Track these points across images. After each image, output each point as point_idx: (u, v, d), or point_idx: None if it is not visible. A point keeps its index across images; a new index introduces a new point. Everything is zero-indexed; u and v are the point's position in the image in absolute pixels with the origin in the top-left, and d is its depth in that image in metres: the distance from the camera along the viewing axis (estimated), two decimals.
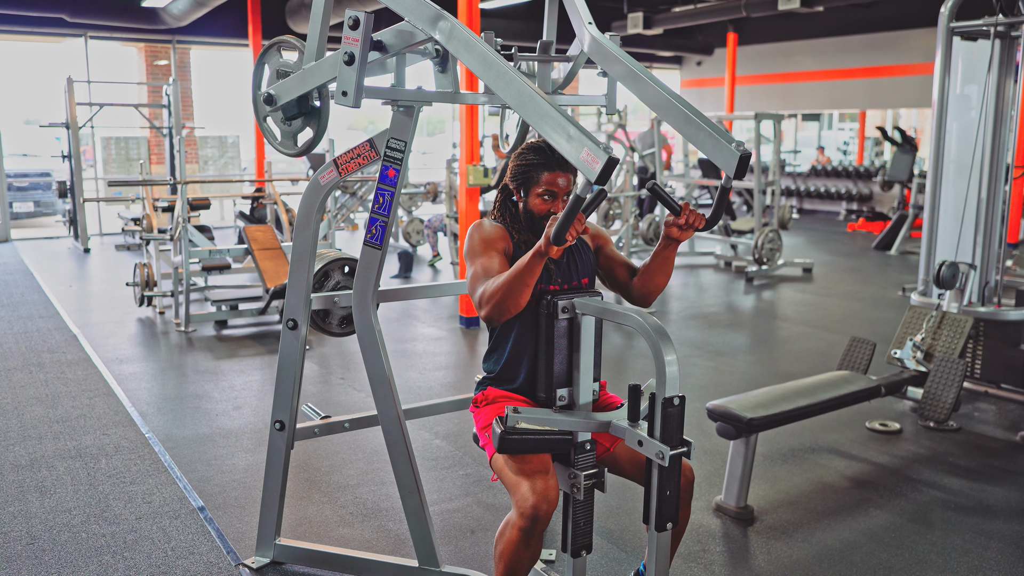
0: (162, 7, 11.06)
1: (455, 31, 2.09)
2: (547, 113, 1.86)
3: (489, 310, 2.09)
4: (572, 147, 1.80)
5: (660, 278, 2.27)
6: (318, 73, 2.42)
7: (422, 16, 2.16)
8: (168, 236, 6.68)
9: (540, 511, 2.01)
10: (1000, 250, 4.79)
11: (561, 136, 1.82)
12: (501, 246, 2.25)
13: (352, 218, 11.68)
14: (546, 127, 1.86)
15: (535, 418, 2.08)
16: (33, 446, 3.91)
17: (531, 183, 2.27)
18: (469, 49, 2.05)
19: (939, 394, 4.07)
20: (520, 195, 2.31)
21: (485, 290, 2.10)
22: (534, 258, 1.99)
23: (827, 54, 14.63)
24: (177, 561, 2.86)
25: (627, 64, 2.02)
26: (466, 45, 2.06)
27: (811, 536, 3.11)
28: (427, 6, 2.15)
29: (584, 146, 1.77)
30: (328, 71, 2.38)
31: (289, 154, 2.69)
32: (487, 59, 2.00)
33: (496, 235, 2.27)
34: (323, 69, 2.40)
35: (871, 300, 7.52)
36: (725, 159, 1.84)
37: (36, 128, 13.75)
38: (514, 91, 1.94)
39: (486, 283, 2.12)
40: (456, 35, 2.09)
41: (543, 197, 2.26)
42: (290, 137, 2.65)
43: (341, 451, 3.90)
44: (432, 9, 2.14)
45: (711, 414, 3.33)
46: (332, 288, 3.56)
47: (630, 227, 8.60)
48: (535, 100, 1.89)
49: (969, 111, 4.92)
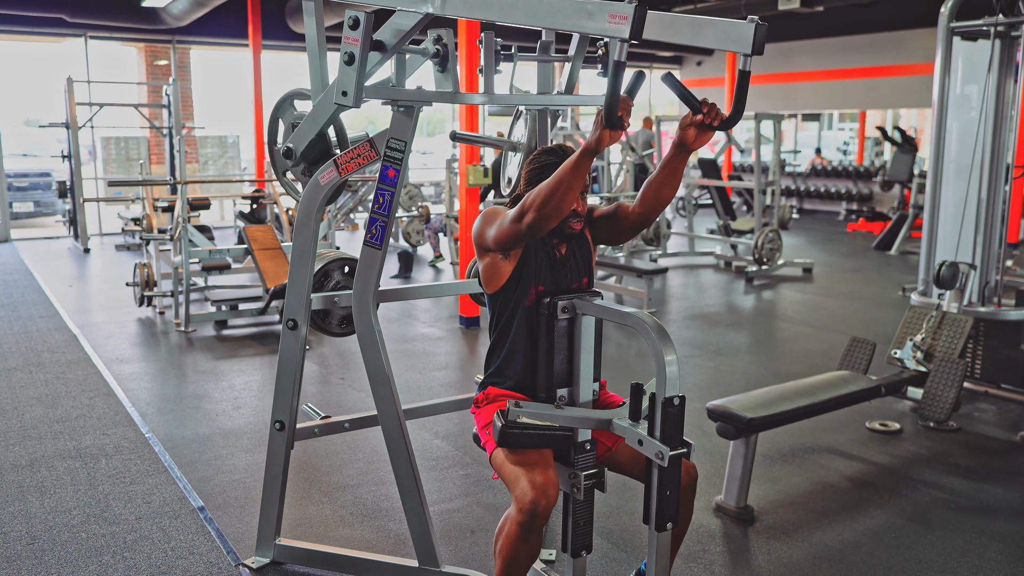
0: (162, 7, 11.06)
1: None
2: (560, 6, 1.84)
3: (534, 214, 1.98)
4: (596, 21, 1.76)
5: (667, 190, 2.15)
6: (328, 102, 2.41)
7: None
8: (168, 236, 6.68)
9: (539, 506, 2.01)
10: (1000, 250, 4.79)
11: (582, 17, 1.79)
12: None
13: (352, 218, 11.67)
14: (565, 19, 1.82)
15: (536, 413, 2.08)
16: (33, 446, 3.91)
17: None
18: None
19: (939, 394, 4.07)
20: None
21: (526, 199, 2.00)
22: (582, 157, 1.89)
23: (827, 54, 14.63)
24: (177, 561, 2.86)
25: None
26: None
27: (811, 536, 3.11)
28: None
29: (607, 11, 1.74)
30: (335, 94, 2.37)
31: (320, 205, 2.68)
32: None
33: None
34: (331, 96, 2.39)
35: (871, 300, 7.52)
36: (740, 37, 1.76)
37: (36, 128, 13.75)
38: (521, 7, 1.91)
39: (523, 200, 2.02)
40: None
41: None
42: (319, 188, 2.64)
43: (341, 451, 3.90)
44: None
45: (711, 414, 3.33)
46: (332, 288, 3.56)
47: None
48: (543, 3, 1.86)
49: (969, 111, 4.92)
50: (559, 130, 10.39)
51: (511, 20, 1.95)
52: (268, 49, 12.70)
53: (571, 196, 1.95)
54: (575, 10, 1.80)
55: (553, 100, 2.62)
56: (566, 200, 1.95)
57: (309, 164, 2.60)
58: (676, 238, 11.05)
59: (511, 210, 2.09)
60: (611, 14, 1.72)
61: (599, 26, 1.75)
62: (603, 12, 1.74)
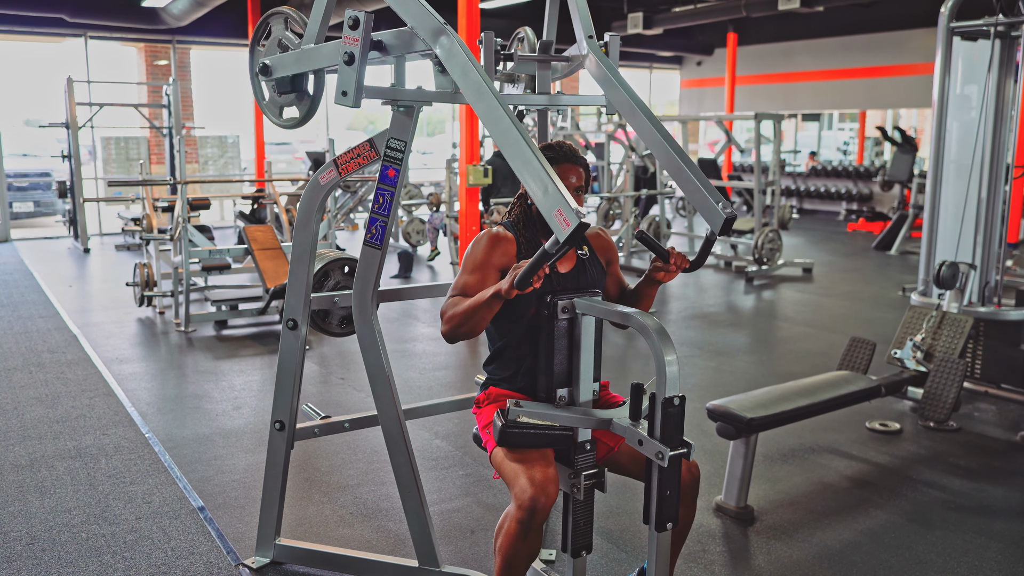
0: (162, 7, 11.05)
1: (454, 52, 2.09)
2: (529, 162, 1.89)
3: (446, 330, 2.20)
4: (547, 201, 1.83)
5: (641, 308, 2.34)
6: (315, 57, 2.42)
7: (425, 27, 2.15)
8: (168, 236, 6.68)
9: (538, 503, 2.01)
10: (1000, 250, 4.79)
11: (539, 187, 1.86)
12: (500, 263, 2.27)
13: (352, 218, 11.67)
14: (526, 175, 1.89)
15: (536, 413, 2.08)
16: (33, 446, 3.91)
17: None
18: (465, 74, 2.07)
19: (939, 394, 4.07)
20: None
21: (447, 310, 2.21)
22: (493, 298, 2.06)
23: (827, 54, 14.63)
24: (177, 561, 2.86)
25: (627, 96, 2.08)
26: (462, 69, 2.07)
27: (811, 536, 3.11)
28: (431, 18, 2.15)
29: (559, 205, 1.81)
30: (325, 57, 2.37)
31: (271, 119, 2.70)
32: (480, 90, 2.02)
33: (498, 251, 2.28)
34: (321, 54, 2.40)
35: (871, 300, 7.52)
36: (712, 216, 1.95)
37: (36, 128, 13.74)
38: (500, 130, 1.96)
39: (452, 301, 2.21)
40: (454, 56, 2.09)
41: None
42: (276, 106, 2.66)
43: (341, 451, 3.90)
44: (436, 22, 2.14)
45: (711, 414, 3.33)
46: (332, 288, 3.56)
47: (630, 227, 8.60)
48: (520, 146, 1.91)
49: (969, 111, 4.92)
50: (559, 130, 10.39)
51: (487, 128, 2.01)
52: None
53: (482, 324, 2.15)
54: (538, 177, 1.87)
55: (553, 100, 2.62)
56: (478, 326, 2.15)
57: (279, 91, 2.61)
58: (676, 238, 11.05)
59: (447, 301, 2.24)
60: (561, 211, 1.80)
61: (547, 209, 1.83)
62: (556, 203, 1.81)
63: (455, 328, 2.18)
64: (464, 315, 2.14)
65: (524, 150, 1.90)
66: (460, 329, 2.17)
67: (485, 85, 2.01)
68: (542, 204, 1.84)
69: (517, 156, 1.91)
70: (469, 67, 2.05)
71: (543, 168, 1.86)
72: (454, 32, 2.12)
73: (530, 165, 1.88)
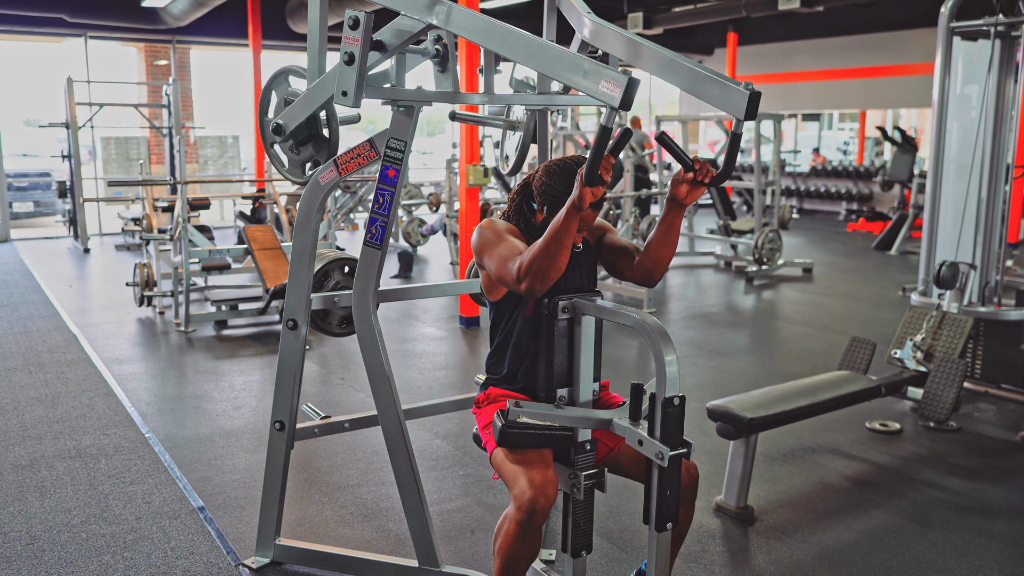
0: (162, 7, 11.05)
1: (453, 10, 2.11)
2: (559, 56, 1.89)
3: (531, 280, 1.96)
4: (590, 81, 1.81)
5: (666, 249, 2.16)
6: (323, 89, 2.41)
7: (417, 5, 2.16)
8: (168, 236, 6.68)
9: (537, 504, 2.01)
10: (1000, 250, 4.79)
11: (577, 73, 1.84)
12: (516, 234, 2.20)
13: (352, 218, 11.67)
14: (561, 70, 1.88)
15: (536, 413, 2.08)
16: (33, 446, 3.91)
17: (558, 204, 2.15)
18: (470, 23, 2.08)
19: (939, 394, 4.06)
20: (543, 212, 2.22)
21: (522, 262, 1.98)
22: (570, 213, 1.89)
23: (827, 54, 14.63)
24: (177, 561, 2.86)
25: (625, 36, 2.01)
26: (466, 20, 2.08)
27: (811, 536, 3.11)
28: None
29: (602, 76, 1.78)
30: (331, 85, 2.37)
31: (297, 182, 2.69)
32: (490, 26, 2.03)
33: (509, 228, 2.22)
34: (327, 84, 2.39)
35: (871, 300, 7.52)
36: (733, 102, 1.76)
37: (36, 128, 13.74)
38: (522, 46, 1.96)
39: (519, 257, 2.00)
40: (454, 14, 2.11)
41: None
42: (298, 165, 2.65)
43: (341, 451, 3.90)
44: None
45: (711, 414, 3.33)
46: (332, 288, 3.56)
47: (630, 227, 8.60)
48: (544, 48, 1.92)
49: (969, 111, 4.92)
50: (559, 130, 10.38)
51: (510, 55, 1.98)
52: (268, 49, 12.69)
53: (565, 253, 1.94)
54: (572, 64, 1.85)
55: (553, 100, 2.62)
56: (562, 257, 1.95)
57: (297, 144, 2.60)
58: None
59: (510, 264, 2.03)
60: (605, 79, 1.77)
61: (592, 87, 1.80)
62: (598, 75, 1.79)
63: (540, 270, 1.94)
64: (544, 250, 1.92)
65: (551, 49, 1.91)
66: (546, 267, 1.93)
67: (492, 22, 2.02)
68: (587, 87, 1.80)
69: (546, 58, 1.91)
70: (471, 14, 2.08)
71: (574, 56, 1.85)
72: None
73: (561, 59, 1.88)
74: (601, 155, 1.81)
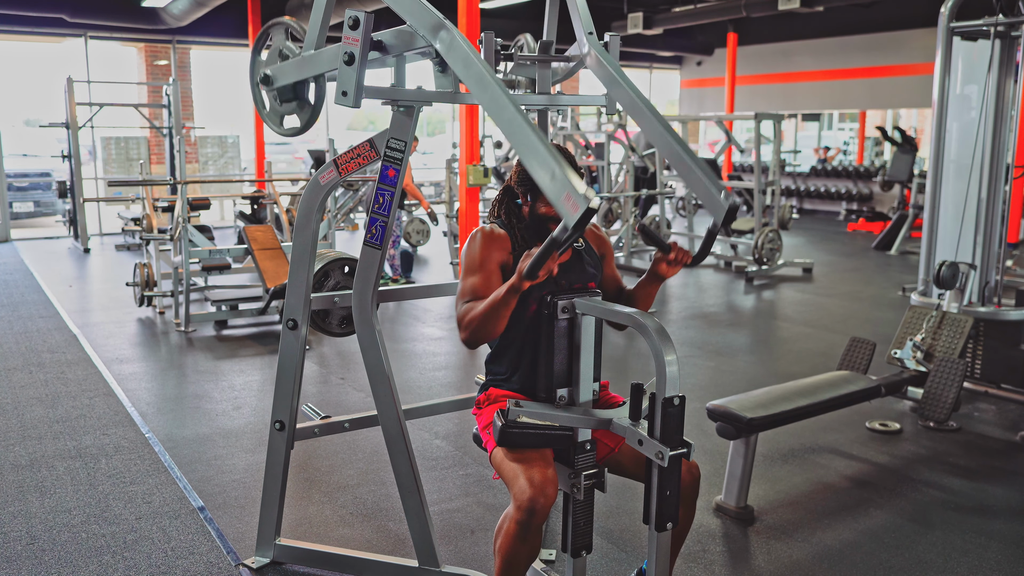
0: (162, 7, 11.05)
1: (455, 45, 2.09)
2: (535, 148, 1.85)
3: (466, 336, 2.17)
4: (554, 187, 1.78)
5: (642, 305, 2.33)
6: (316, 63, 2.42)
7: (424, 22, 2.15)
8: (168, 236, 6.68)
9: (537, 504, 2.01)
10: (1000, 250, 4.79)
11: (545, 173, 1.81)
12: (499, 259, 2.27)
13: (352, 218, 11.67)
14: (532, 161, 1.84)
15: (536, 413, 2.08)
16: (33, 446, 3.91)
17: (539, 190, 2.26)
18: (467, 66, 2.05)
19: (939, 394, 4.07)
20: (527, 200, 2.32)
21: (464, 316, 2.18)
22: (509, 292, 2.04)
23: (827, 54, 14.63)
24: (177, 561, 2.86)
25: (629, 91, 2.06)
26: (464, 62, 2.06)
27: (811, 536, 3.11)
28: (429, 13, 2.15)
29: (566, 189, 1.75)
30: (326, 63, 2.38)
31: (272, 128, 2.71)
32: (483, 80, 2.01)
33: (495, 246, 2.28)
34: (321, 60, 2.40)
35: (871, 300, 7.52)
36: (713, 206, 1.91)
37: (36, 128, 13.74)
38: (506, 118, 1.94)
39: (467, 307, 2.18)
40: (455, 49, 2.09)
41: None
42: (277, 115, 2.66)
43: (341, 451, 3.90)
44: (434, 17, 2.13)
45: (711, 414, 3.33)
46: (332, 288, 3.56)
47: (630, 227, 8.60)
48: (524, 132, 1.88)
49: (969, 111, 4.92)
50: (559, 130, 10.38)
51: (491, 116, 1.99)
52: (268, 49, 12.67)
53: (502, 322, 2.12)
54: (544, 163, 1.81)
55: (553, 100, 2.62)
56: (498, 325, 2.13)
57: (281, 100, 2.61)
58: (676, 238, 11.04)
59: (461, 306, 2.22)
60: (568, 195, 1.74)
61: (555, 195, 1.77)
62: (563, 188, 1.76)
63: (475, 332, 2.15)
64: (482, 317, 2.12)
65: (530, 136, 1.87)
66: (481, 332, 2.14)
67: (488, 75, 2.00)
68: (549, 190, 1.79)
69: (523, 143, 1.88)
70: (471, 59, 2.04)
71: (549, 154, 1.82)
72: (453, 26, 2.12)
73: (536, 152, 1.85)
74: (546, 259, 1.91)
